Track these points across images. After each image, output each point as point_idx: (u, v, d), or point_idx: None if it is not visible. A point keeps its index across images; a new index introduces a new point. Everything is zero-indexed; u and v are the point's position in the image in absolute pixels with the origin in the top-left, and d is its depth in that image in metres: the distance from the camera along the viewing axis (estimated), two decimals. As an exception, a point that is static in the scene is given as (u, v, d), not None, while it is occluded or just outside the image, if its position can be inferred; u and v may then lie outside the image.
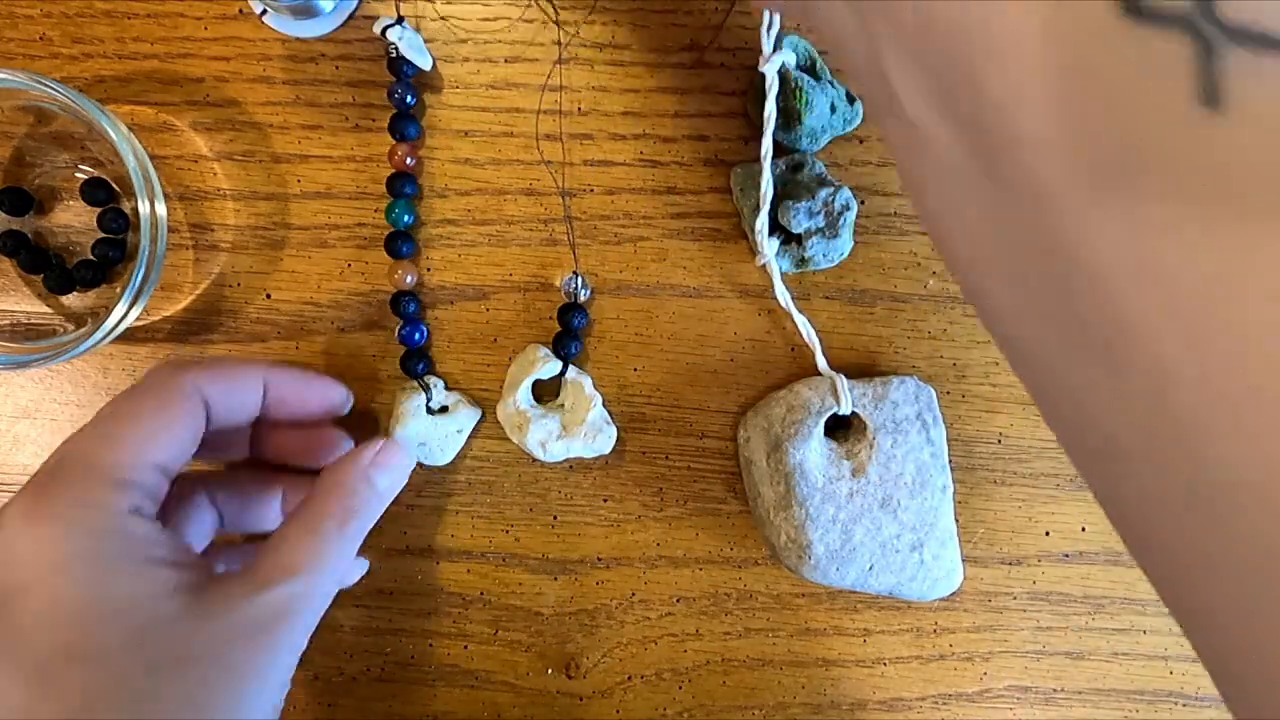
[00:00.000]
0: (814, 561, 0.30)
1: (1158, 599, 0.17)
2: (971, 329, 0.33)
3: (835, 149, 0.33)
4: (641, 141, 0.33)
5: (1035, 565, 0.33)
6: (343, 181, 0.33)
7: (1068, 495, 0.33)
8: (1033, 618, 0.33)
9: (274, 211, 0.33)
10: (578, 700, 0.33)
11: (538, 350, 0.32)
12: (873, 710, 0.33)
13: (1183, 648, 0.33)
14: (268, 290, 0.33)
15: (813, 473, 0.30)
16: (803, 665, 0.33)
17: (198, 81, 0.32)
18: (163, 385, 0.26)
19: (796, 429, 0.30)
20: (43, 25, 0.32)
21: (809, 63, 0.32)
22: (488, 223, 0.33)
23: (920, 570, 0.30)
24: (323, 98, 0.32)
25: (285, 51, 0.32)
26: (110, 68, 0.32)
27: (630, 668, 0.33)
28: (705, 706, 0.33)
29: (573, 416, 0.32)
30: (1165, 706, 0.34)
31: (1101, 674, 0.33)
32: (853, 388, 0.31)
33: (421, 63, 0.31)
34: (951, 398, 0.33)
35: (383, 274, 0.33)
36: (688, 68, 0.33)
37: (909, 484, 0.30)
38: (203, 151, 0.33)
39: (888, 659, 0.33)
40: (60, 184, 0.33)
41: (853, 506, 0.30)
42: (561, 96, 0.32)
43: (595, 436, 0.32)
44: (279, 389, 0.30)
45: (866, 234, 0.33)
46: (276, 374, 0.30)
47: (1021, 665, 0.33)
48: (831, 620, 0.33)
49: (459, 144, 0.33)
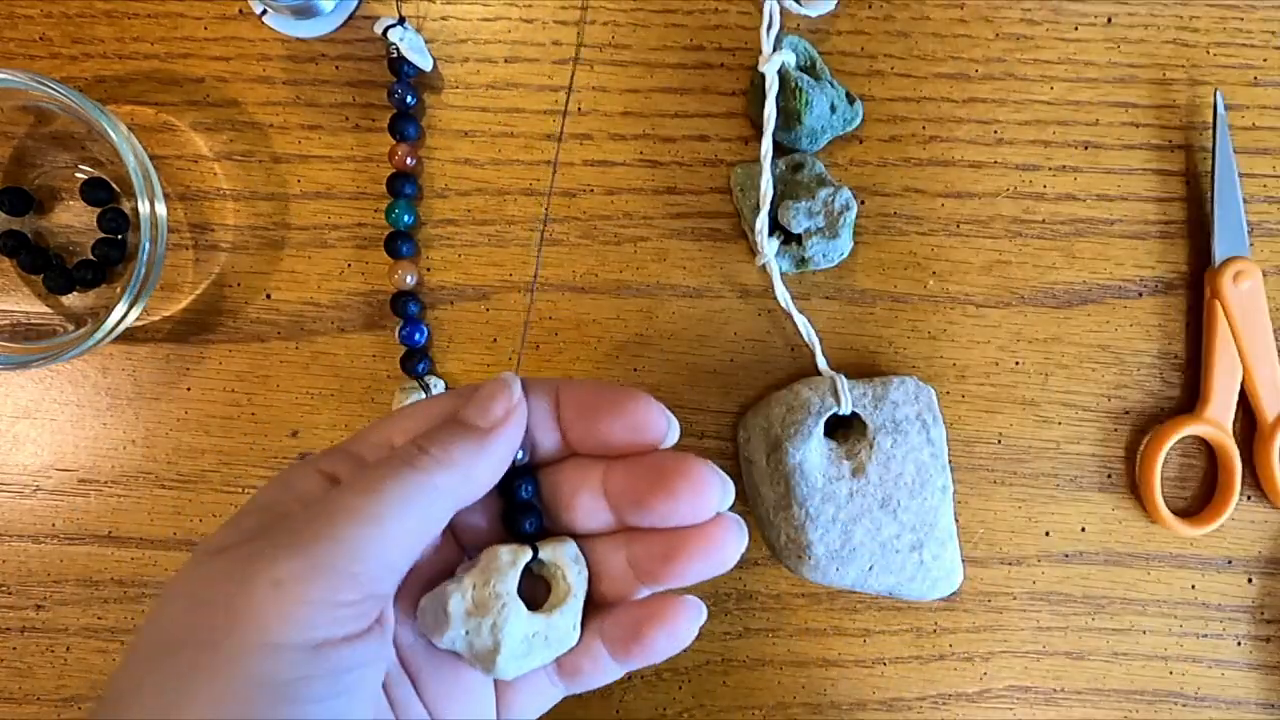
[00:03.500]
0: (814, 561, 0.30)
1: (1157, 599, 0.17)
2: (971, 329, 0.33)
3: (835, 149, 0.33)
4: (641, 141, 0.33)
5: (1035, 565, 0.33)
6: (343, 181, 0.33)
7: (1068, 495, 0.33)
8: (1033, 618, 0.33)
9: (274, 211, 0.33)
10: (578, 700, 0.33)
11: (496, 553, 0.23)
12: (873, 710, 0.33)
13: (1182, 648, 0.33)
14: (268, 290, 0.33)
15: (812, 473, 0.30)
16: (803, 665, 0.33)
17: (198, 81, 0.32)
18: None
19: (796, 429, 0.30)
20: (43, 25, 0.32)
21: (809, 63, 0.32)
22: (488, 223, 0.33)
23: (920, 570, 0.30)
24: (323, 98, 0.32)
25: (285, 51, 0.32)
26: (110, 68, 0.32)
27: (630, 668, 0.33)
28: (705, 706, 0.33)
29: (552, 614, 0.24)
30: (1165, 706, 0.34)
31: (1101, 674, 0.33)
32: (853, 388, 0.31)
33: (422, 63, 0.31)
34: (951, 398, 0.33)
35: (383, 274, 0.33)
36: (688, 68, 0.33)
37: (909, 484, 0.30)
38: (203, 151, 0.33)
39: (887, 659, 0.33)
40: (60, 184, 0.33)
41: (853, 506, 0.30)
42: (567, 96, 0.32)
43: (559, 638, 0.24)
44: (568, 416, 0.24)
45: (866, 234, 0.33)
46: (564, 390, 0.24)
47: (1021, 665, 0.33)
48: (831, 620, 0.33)
49: (459, 144, 0.33)
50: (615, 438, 0.23)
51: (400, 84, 0.31)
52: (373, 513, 0.20)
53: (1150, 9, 0.33)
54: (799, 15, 0.32)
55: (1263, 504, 0.33)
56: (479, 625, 0.22)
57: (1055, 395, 0.33)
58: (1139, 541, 0.33)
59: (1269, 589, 0.33)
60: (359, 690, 0.20)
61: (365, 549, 0.19)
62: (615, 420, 0.23)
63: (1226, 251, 0.32)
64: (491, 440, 0.22)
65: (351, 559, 0.19)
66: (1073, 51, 0.33)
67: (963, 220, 0.33)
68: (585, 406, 0.23)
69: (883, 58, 0.33)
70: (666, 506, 0.23)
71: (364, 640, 0.20)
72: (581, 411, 0.23)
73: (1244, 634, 0.33)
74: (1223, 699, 0.33)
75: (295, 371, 0.33)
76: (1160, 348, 0.33)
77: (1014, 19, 0.33)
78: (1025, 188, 0.33)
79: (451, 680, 0.23)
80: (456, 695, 0.24)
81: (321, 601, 0.19)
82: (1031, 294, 0.33)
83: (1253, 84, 0.33)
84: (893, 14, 0.33)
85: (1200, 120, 0.33)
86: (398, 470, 0.20)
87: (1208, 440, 0.33)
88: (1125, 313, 0.33)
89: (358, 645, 0.20)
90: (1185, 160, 0.33)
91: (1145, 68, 0.33)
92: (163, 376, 0.33)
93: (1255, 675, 0.33)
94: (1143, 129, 0.33)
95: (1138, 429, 0.33)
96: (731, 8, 0.33)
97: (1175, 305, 0.33)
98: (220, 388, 0.33)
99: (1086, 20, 0.33)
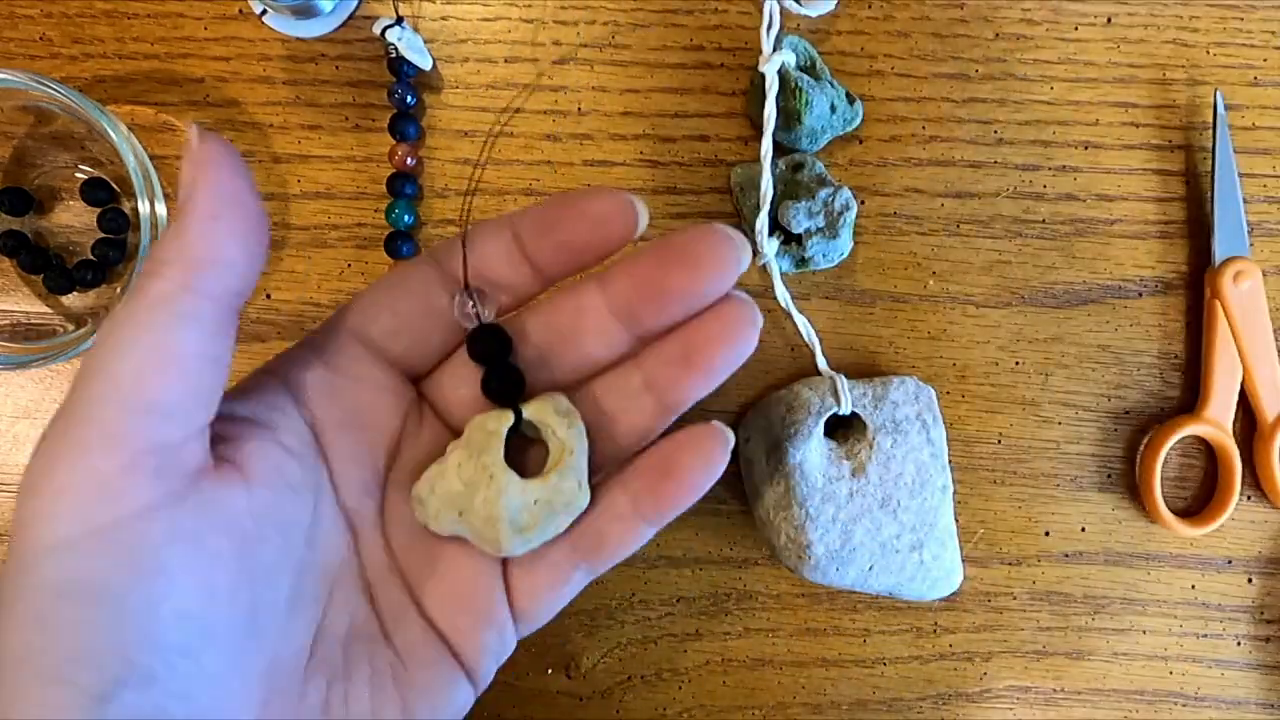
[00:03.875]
0: (814, 561, 0.30)
1: (1158, 599, 0.17)
2: (971, 329, 0.33)
3: (835, 149, 0.33)
4: (641, 141, 0.33)
5: (1035, 565, 0.33)
6: (343, 181, 0.33)
7: (1068, 495, 0.33)
8: (1033, 618, 0.33)
9: (274, 211, 0.33)
10: (578, 700, 0.33)
11: (476, 424, 0.21)
12: (873, 710, 0.33)
13: (1182, 648, 0.33)
14: (268, 290, 0.33)
15: (812, 473, 0.30)
16: (803, 665, 0.33)
17: (198, 81, 0.32)
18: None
19: (796, 429, 0.30)
20: (43, 25, 0.32)
21: (809, 63, 0.32)
22: (488, 223, 0.33)
23: (920, 570, 0.30)
24: (323, 98, 0.32)
25: (285, 51, 0.32)
26: (110, 68, 0.32)
27: (630, 668, 0.33)
28: (705, 706, 0.33)
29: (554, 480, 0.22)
30: (1165, 706, 0.34)
31: (1101, 674, 0.33)
32: (853, 388, 0.31)
33: (421, 63, 0.31)
34: (951, 398, 0.33)
35: (382, 274, 0.33)
36: (688, 68, 0.33)
37: (909, 484, 0.30)
38: (203, 151, 0.33)
39: (888, 659, 0.33)
40: (60, 184, 0.33)
41: (852, 506, 0.30)
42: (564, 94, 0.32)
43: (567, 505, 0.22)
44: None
45: (866, 234, 0.33)
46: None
47: (1021, 665, 0.33)
48: (831, 620, 0.33)
49: (459, 144, 0.33)
50: (582, 238, 0.21)
51: (400, 84, 0.31)
52: (107, 352, 0.18)
53: (1150, 9, 0.33)
54: (799, 15, 0.32)
55: (1263, 504, 0.33)
56: (472, 502, 0.20)
57: (1055, 395, 0.33)
58: (1139, 541, 0.33)
59: (1269, 589, 0.33)
60: (190, 565, 0.18)
61: (106, 392, 0.17)
62: (576, 222, 0.21)
63: (1226, 251, 0.32)
64: (190, 211, 0.18)
65: (93, 414, 0.17)
66: (1072, 51, 0.33)
67: (963, 220, 0.33)
68: (543, 224, 0.21)
69: (883, 58, 0.33)
70: (688, 279, 0.21)
71: (170, 508, 0.18)
72: (541, 230, 0.21)
73: (1244, 634, 0.33)
74: (1223, 699, 0.33)
75: (295, 371, 0.33)
76: (1160, 348, 0.33)
77: (1014, 19, 0.33)
78: (1025, 188, 0.33)
79: (452, 577, 0.22)
80: (459, 594, 0.22)
81: (81, 477, 0.17)
82: (1031, 294, 0.33)
83: (1253, 84, 0.33)
84: (893, 14, 0.33)
85: (1200, 120, 0.33)
86: (124, 299, 0.18)
87: (1208, 440, 0.33)
88: (1125, 313, 0.33)
89: (161, 514, 0.17)
90: (1185, 160, 0.33)
91: (1145, 68, 0.33)
92: (163, 376, 0.33)
93: (1255, 675, 0.33)
94: (1143, 129, 0.33)
95: (1138, 429, 0.33)
96: (731, 8, 0.33)
97: (1175, 305, 0.33)
98: (220, 388, 0.33)
99: (1086, 20, 0.33)
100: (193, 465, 0.18)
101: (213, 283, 0.18)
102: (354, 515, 0.22)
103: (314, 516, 0.21)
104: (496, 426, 0.21)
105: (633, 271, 0.21)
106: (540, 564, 0.22)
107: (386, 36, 0.30)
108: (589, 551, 0.22)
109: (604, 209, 0.21)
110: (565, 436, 0.21)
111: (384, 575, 0.22)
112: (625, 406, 0.22)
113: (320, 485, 0.21)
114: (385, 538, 0.22)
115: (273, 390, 0.21)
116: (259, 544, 0.19)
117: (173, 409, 0.18)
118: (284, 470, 0.20)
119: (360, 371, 0.22)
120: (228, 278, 0.18)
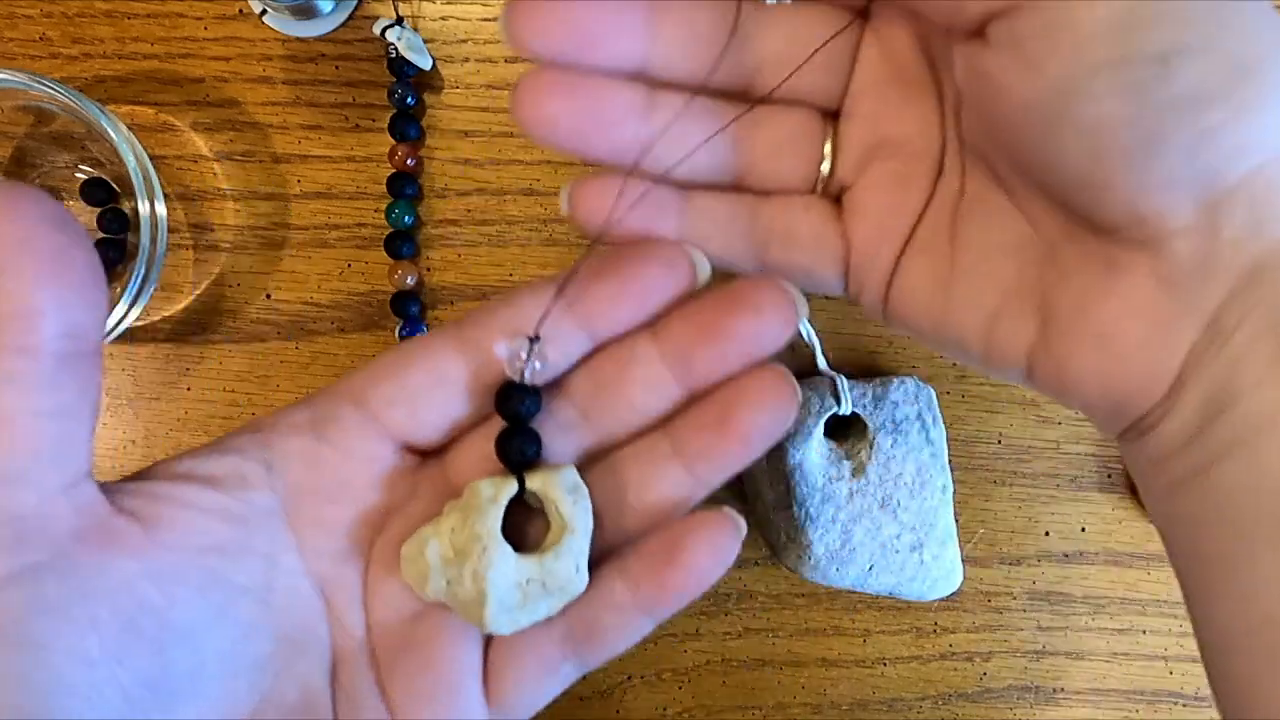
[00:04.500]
0: (814, 561, 0.30)
1: (1157, 599, 0.17)
2: (971, 329, 0.33)
3: (835, 149, 0.33)
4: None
5: (1035, 565, 0.33)
6: (343, 181, 0.33)
7: (1067, 495, 0.33)
8: (1033, 618, 0.33)
9: (274, 211, 0.33)
10: (578, 700, 0.33)
11: (475, 489, 0.20)
12: (873, 710, 0.33)
13: (1182, 648, 0.33)
14: (268, 290, 0.33)
15: (812, 473, 0.30)
16: (803, 665, 0.33)
17: (198, 81, 0.32)
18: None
19: (796, 429, 0.30)
20: (43, 25, 0.32)
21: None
22: (488, 223, 0.33)
23: (920, 570, 0.30)
24: (323, 98, 0.32)
25: (285, 51, 0.32)
26: (110, 68, 0.32)
27: (630, 668, 0.33)
28: (705, 706, 0.33)
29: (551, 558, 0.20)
30: (1165, 706, 0.34)
31: (1101, 674, 0.33)
32: (853, 388, 0.31)
33: (421, 63, 0.31)
34: (951, 398, 0.33)
35: (383, 274, 0.33)
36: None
37: (909, 484, 0.30)
38: (203, 151, 0.33)
39: (888, 659, 0.33)
40: (60, 184, 0.33)
41: (852, 507, 0.30)
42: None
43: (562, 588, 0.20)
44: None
45: (866, 234, 0.33)
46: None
47: (1021, 665, 0.33)
48: (831, 620, 0.33)
49: (459, 144, 0.33)
50: (636, 291, 0.20)
51: (400, 84, 0.31)
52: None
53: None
54: (799, 15, 0.32)
55: (1263, 504, 0.33)
56: (459, 572, 0.19)
57: (1055, 395, 0.33)
58: (1139, 541, 0.33)
59: (1269, 589, 0.33)
60: (59, 635, 0.17)
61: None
62: (631, 278, 0.20)
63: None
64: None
65: None
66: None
67: (963, 220, 0.33)
68: (595, 279, 0.20)
69: (883, 58, 0.33)
70: (751, 323, 0.20)
71: (32, 578, 0.17)
72: (591, 285, 0.20)
73: (1244, 634, 0.33)
74: (1223, 699, 0.33)
75: (295, 371, 0.33)
76: (1160, 348, 0.33)
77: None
78: (1025, 188, 0.33)
79: (425, 660, 0.20)
80: (428, 679, 0.20)
81: None
82: (1031, 294, 0.33)
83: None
84: (893, 14, 0.33)
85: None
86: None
87: (1208, 440, 0.33)
88: (1125, 313, 0.33)
89: (24, 585, 0.17)
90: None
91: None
92: (162, 376, 0.33)
93: (1255, 675, 0.33)
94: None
95: (1138, 429, 0.33)
96: (731, 8, 0.33)
97: (1175, 305, 0.33)
98: (220, 388, 0.33)
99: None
100: (61, 529, 0.18)
101: (21, 336, 0.17)
102: (328, 585, 0.21)
103: (266, 581, 0.20)
104: (496, 494, 0.20)
105: (691, 316, 0.20)
106: (527, 652, 0.20)
107: (386, 36, 0.30)
108: (581, 642, 0.20)
109: (660, 263, 0.20)
110: (569, 514, 0.20)
111: (354, 653, 0.21)
112: (649, 475, 0.21)
113: (276, 551, 0.20)
114: (367, 612, 0.21)
115: (249, 450, 0.21)
116: (167, 608, 0.18)
117: (18, 475, 0.17)
118: (213, 534, 0.19)
119: (348, 442, 0.21)
120: (42, 326, 0.17)
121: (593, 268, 0.20)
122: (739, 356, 0.20)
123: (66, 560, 0.17)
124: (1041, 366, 0.19)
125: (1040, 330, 0.19)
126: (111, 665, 0.17)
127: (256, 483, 0.20)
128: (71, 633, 0.17)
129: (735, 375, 0.20)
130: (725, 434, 0.20)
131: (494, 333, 0.21)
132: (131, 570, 0.18)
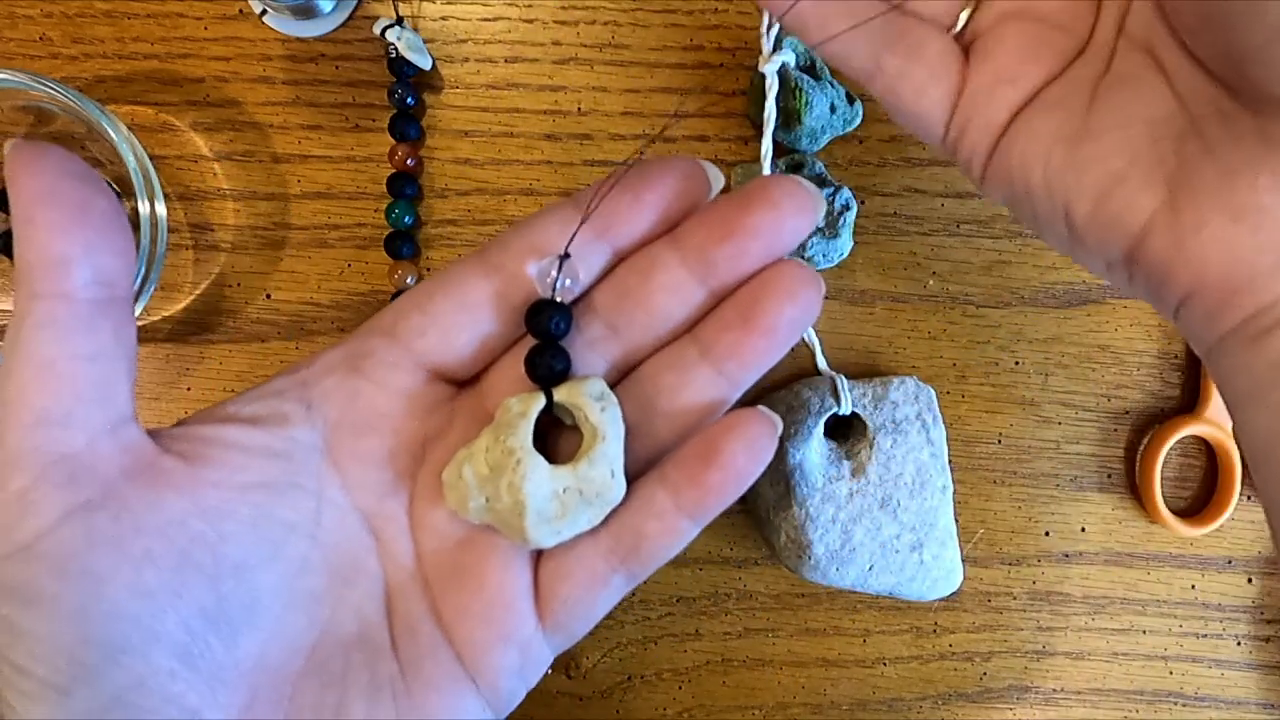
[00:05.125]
0: (814, 561, 0.30)
1: (1157, 599, 0.17)
2: (971, 329, 0.33)
3: (835, 149, 0.33)
4: (641, 141, 0.33)
5: (1035, 565, 0.33)
6: (343, 181, 0.33)
7: (1067, 495, 0.33)
8: (1033, 618, 0.33)
9: (274, 211, 0.33)
10: (578, 700, 0.33)
11: (505, 405, 0.21)
12: (873, 710, 0.33)
13: (1182, 648, 0.33)
14: (268, 290, 0.33)
15: (812, 473, 0.30)
16: (803, 665, 0.33)
17: (198, 81, 0.32)
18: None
19: (796, 429, 0.30)
20: (43, 25, 0.32)
21: (809, 63, 0.32)
22: (488, 223, 0.33)
23: (920, 570, 0.30)
24: (323, 98, 0.32)
25: (285, 51, 0.32)
26: (110, 68, 0.32)
27: (630, 668, 0.33)
28: (705, 706, 0.33)
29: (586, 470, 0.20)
30: (1165, 706, 0.34)
31: (1101, 674, 0.33)
32: (853, 388, 0.31)
33: (421, 63, 0.31)
34: (951, 398, 0.33)
35: (383, 274, 0.33)
36: (688, 68, 0.33)
37: (909, 484, 0.30)
38: (203, 151, 0.33)
39: (888, 659, 0.33)
40: (60, 184, 0.33)
41: (852, 507, 0.30)
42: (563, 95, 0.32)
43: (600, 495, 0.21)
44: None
45: (866, 234, 0.33)
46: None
47: (1021, 665, 0.33)
48: (831, 620, 0.33)
49: (459, 144, 0.33)
50: (653, 202, 0.21)
51: (400, 84, 0.31)
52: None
53: (1150, 9, 0.33)
54: (799, 15, 0.32)
55: (1263, 504, 0.33)
56: (496, 488, 0.19)
57: (1055, 395, 0.33)
58: (1139, 541, 0.33)
59: (1269, 589, 0.33)
60: (116, 568, 0.18)
61: (2, 415, 0.18)
62: (649, 190, 0.20)
63: (1227, 251, 0.32)
64: (13, 222, 0.18)
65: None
66: (1073, 51, 0.33)
67: (963, 220, 0.33)
68: (615, 194, 0.21)
69: (883, 58, 0.33)
70: (769, 217, 0.20)
71: (86, 514, 0.18)
72: (611, 199, 0.21)
73: (1244, 634, 0.33)
74: (1223, 699, 0.33)
75: (295, 371, 0.33)
76: (1160, 348, 0.33)
77: (1014, 19, 0.33)
78: (1025, 188, 0.33)
79: (477, 583, 0.20)
80: (481, 601, 0.20)
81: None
82: (1031, 294, 0.33)
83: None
84: (893, 14, 0.33)
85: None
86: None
87: (1208, 440, 0.33)
88: (1125, 313, 0.33)
89: (78, 521, 0.18)
90: (1185, 160, 0.33)
91: (1145, 68, 0.33)
92: (163, 376, 0.33)
93: (1255, 675, 0.33)
94: (1143, 129, 0.33)
95: (1138, 429, 0.33)
96: (731, 8, 0.33)
97: (1175, 305, 0.33)
98: (220, 388, 0.33)
99: (1086, 20, 0.33)
100: (110, 469, 0.18)
101: (55, 284, 0.18)
102: (375, 518, 0.21)
103: (314, 516, 0.21)
104: (525, 408, 0.20)
105: (709, 218, 0.20)
106: (576, 567, 0.21)
107: (386, 36, 0.30)
108: (628, 553, 0.20)
109: (675, 173, 0.21)
110: (598, 421, 0.20)
111: (406, 582, 0.21)
112: (679, 381, 0.21)
113: (322, 486, 0.21)
114: (416, 542, 0.21)
115: (288, 391, 0.21)
116: (219, 543, 0.19)
117: (65, 417, 0.18)
118: (258, 471, 0.20)
119: (382, 374, 0.21)
120: (73, 273, 0.18)
121: (609, 184, 0.21)
122: (759, 253, 0.20)
123: (118, 498, 0.18)
124: (1157, 239, 0.18)
125: (1168, 200, 0.18)
126: (170, 597, 0.18)
127: (298, 420, 0.21)
128: (128, 566, 0.18)
129: (757, 272, 0.20)
130: (751, 329, 0.20)
131: (518, 255, 0.21)
132: (182, 507, 0.19)
